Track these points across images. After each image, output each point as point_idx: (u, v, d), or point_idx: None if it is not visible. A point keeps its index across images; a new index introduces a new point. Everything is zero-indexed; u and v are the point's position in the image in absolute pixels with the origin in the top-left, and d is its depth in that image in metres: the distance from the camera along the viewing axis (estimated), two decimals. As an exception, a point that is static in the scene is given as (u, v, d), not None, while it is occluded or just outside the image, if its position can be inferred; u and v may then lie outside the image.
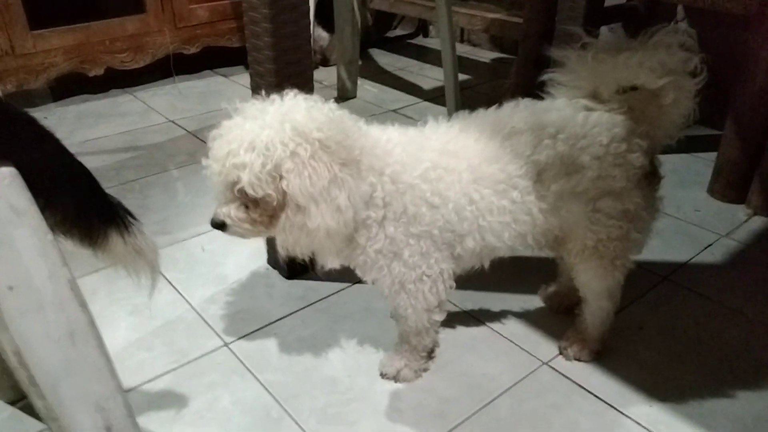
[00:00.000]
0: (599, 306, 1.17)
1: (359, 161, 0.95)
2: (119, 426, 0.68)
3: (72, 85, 2.53)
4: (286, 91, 0.97)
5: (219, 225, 0.98)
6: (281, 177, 0.89)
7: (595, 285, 1.14)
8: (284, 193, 0.91)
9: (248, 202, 0.94)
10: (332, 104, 0.98)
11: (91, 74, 2.46)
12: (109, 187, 1.85)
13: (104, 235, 0.85)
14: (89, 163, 0.88)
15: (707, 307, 1.36)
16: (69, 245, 0.86)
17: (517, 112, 1.06)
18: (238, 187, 0.91)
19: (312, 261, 1.03)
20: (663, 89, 1.00)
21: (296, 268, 1.47)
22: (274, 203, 0.92)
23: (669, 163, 1.96)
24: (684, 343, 1.27)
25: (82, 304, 0.65)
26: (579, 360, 1.21)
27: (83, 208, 0.82)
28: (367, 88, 2.65)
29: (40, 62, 2.31)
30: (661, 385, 1.16)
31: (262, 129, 0.90)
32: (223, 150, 0.91)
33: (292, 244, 0.95)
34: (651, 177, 1.07)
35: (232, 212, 0.96)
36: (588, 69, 1.03)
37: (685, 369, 1.20)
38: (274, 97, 0.96)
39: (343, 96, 2.52)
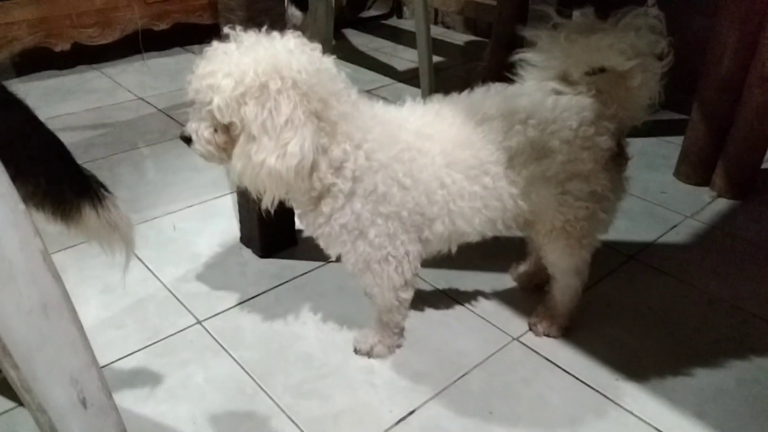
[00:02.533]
0: (567, 283, 1.19)
1: (336, 123, 0.95)
2: (93, 398, 0.68)
3: (37, 61, 2.46)
4: (292, 31, 0.97)
5: (186, 139, 0.99)
6: (246, 104, 0.90)
7: (563, 263, 1.16)
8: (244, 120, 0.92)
9: (217, 125, 0.95)
10: (332, 61, 0.98)
11: (57, 49, 2.39)
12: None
13: (77, 208, 0.84)
14: (56, 139, 0.87)
15: (672, 285, 1.41)
16: (41, 219, 0.85)
17: (489, 97, 1.07)
18: (208, 107, 0.92)
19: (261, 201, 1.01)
20: (631, 71, 1.02)
21: (271, 246, 1.46)
22: (237, 132, 0.93)
23: (637, 146, 2.01)
24: (649, 319, 1.31)
25: (56, 276, 0.65)
26: (548, 336, 1.24)
27: (55, 180, 0.81)
28: (340, 69, 2.63)
29: (2, 35, 2.24)
30: (627, 359, 1.20)
31: (245, 57, 0.91)
32: (205, 69, 0.92)
33: (239, 174, 0.95)
34: (618, 158, 1.10)
35: (200, 130, 0.96)
36: (559, 49, 1.05)
37: (649, 344, 1.24)
38: (276, 33, 0.96)
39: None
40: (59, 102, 2.25)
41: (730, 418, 1.08)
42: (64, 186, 0.81)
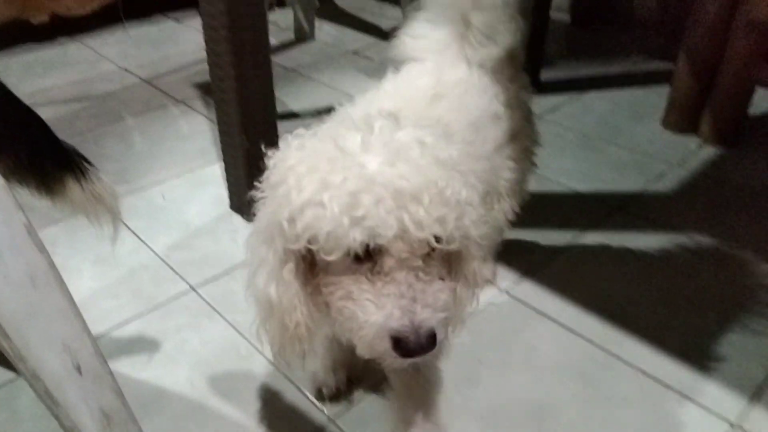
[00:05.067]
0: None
1: None
2: (88, 364, 0.70)
3: (16, 34, 2.42)
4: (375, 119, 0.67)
5: (431, 340, 0.60)
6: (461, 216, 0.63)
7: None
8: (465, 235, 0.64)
9: (426, 268, 0.62)
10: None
11: (36, 21, 2.35)
12: (62, 138, 1.81)
13: (60, 181, 0.84)
14: (40, 114, 0.86)
15: (659, 234, 1.42)
16: (26, 195, 0.86)
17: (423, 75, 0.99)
18: (439, 233, 0.60)
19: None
20: None
21: (259, 212, 1.47)
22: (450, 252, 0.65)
23: (624, 96, 2.01)
24: (636, 268, 1.33)
25: (41, 248, 0.65)
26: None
27: (36, 155, 0.81)
28: (325, 30, 2.60)
29: (-21, 10, 2.20)
30: (615, 308, 1.22)
31: (417, 160, 0.62)
32: (404, 199, 0.58)
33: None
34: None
35: (443, 296, 0.62)
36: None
37: (636, 292, 1.26)
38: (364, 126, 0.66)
39: (301, 38, 2.47)
40: (41, 76, 2.22)
41: (712, 358, 1.11)
42: (45, 160, 0.82)
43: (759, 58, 1.65)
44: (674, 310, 1.22)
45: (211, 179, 1.63)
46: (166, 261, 1.36)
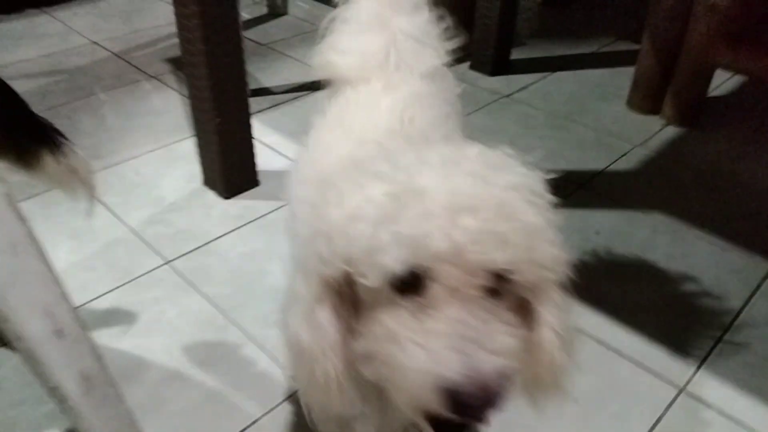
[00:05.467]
0: None
1: None
2: (68, 328, 0.73)
3: (-18, 6, 2.38)
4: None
5: (495, 393, 0.48)
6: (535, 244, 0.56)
7: None
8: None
9: (485, 304, 0.52)
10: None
11: (3, -7, 2.32)
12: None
13: (36, 156, 0.86)
14: (10, 88, 0.87)
15: (618, 211, 1.49)
16: (2, 168, 0.87)
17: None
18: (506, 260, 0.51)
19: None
20: None
21: (233, 188, 1.50)
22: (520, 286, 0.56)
23: (591, 77, 2.06)
24: (595, 243, 1.39)
25: (20, 218, 0.68)
26: None
27: (11, 129, 0.83)
28: (298, 5, 2.60)
29: (-56, -20, 2.16)
30: (574, 280, 1.28)
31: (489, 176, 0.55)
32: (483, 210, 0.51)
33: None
34: None
35: (509, 341, 0.51)
36: None
37: (595, 266, 1.33)
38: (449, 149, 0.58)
39: (274, 12, 2.47)
40: (10, 49, 2.19)
41: (664, 328, 1.18)
42: (20, 135, 0.83)
43: (719, 41, 1.71)
44: (631, 283, 1.28)
45: (184, 155, 1.65)
46: (141, 236, 1.38)
